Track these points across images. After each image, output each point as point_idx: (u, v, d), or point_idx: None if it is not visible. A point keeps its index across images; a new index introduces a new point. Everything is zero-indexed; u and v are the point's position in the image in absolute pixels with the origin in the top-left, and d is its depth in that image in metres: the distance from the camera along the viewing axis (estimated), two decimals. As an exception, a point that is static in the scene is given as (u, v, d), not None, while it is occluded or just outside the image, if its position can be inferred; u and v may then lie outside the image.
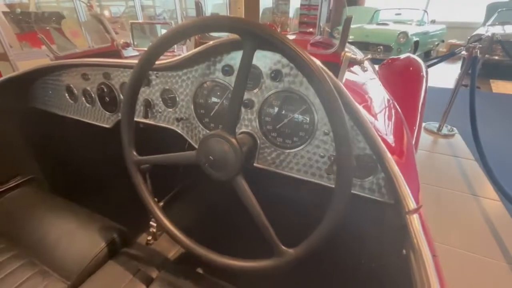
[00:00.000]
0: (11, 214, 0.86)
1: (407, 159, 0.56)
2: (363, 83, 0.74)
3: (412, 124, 1.23)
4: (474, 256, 1.32)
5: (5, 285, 0.67)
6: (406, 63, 1.61)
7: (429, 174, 2.01)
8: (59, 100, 0.81)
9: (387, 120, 0.62)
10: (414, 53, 4.72)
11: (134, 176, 0.55)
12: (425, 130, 2.68)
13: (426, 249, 0.34)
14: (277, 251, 0.44)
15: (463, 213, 1.64)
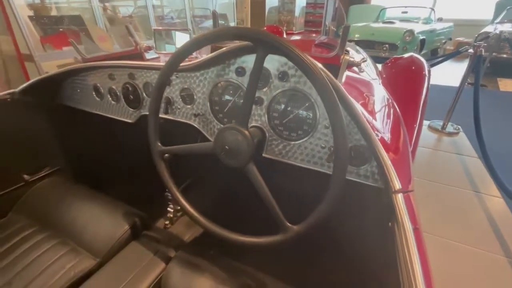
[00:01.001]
0: (43, 201, 0.95)
1: (399, 151, 0.63)
2: (362, 83, 0.81)
3: (412, 122, 1.27)
4: (475, 250, 1.37)
5: (43, 260, 0.76)
6: (408, 62, 1.66)
7: (432, 171, 2.05)
8: (86, 98, 0.90)
9: (383, 116, 0.68)
10: (420, 51, 4.71)
11: (158, 164, 0.62)
12: (429, 128, 2.71)
13: (408, 222, 0.41)
14: (282, 228, 0.52)
15: (465, 209, 1.68)
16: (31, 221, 0.89)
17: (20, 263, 0.76)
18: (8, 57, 1.75)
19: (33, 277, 0.72)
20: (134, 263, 0.75)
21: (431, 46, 5.18)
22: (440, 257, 1.33)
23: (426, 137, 2.58)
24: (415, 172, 2.04)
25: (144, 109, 0.78)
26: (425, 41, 4.67)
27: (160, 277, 0.72)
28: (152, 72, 0.73)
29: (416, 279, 0.34)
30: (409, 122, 1.26)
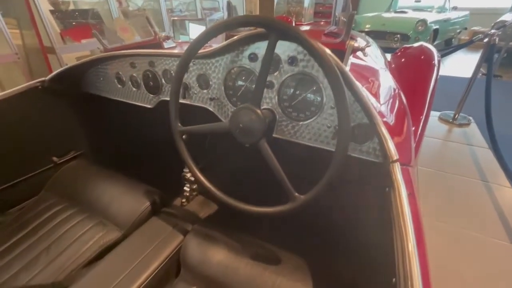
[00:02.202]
0: (70, 181, 1.04)
1: (400, 130, 0.67)
2: (368, 69, 0.84)
3: (419, 111, 1.29)
4: (483, 237, 1.40)
5: (75, 231, 0.85)
6: (418, 52, 1.65)
7: (441, 162, 2.05)
8: (108, 85, 0.97)
9: (386, 99, 0.72)
10: (433, 41, 4.60)
11: (178, 143, 0.69)
12: (440, 119, 2.69)
13: (403, 187, 0.45)
14: (291, 197, 0.57)
15: (474, 198, 1.69)
16: (61, 198, 0.98)
17: (54, 234, 0.85)
18: (31, 50, 1.85)
19: (67, 245, 0.81)
20: (155, 235, 0.82)
21: (445, 36, 5.04)
22: (447, 244, 1.37)
23: (436, 128, 2.56)
24: (423, 162, 2.06)
25: (163, 94, 0.84)
26: (438, 31, 4.55)
27: (179, 248, 0.80)
28: (171, 60, 0.78)
29: (407, 237, 0.39)
30: (416, 111, 1.28)
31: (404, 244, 0.37)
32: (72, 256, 0.78)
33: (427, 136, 2.40)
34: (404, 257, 0.35)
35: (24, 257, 0.78)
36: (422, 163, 2.04)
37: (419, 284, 0.33)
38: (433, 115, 2.75)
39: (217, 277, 0.70)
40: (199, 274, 0.72)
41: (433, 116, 2.74)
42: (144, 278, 0.70)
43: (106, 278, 0.69)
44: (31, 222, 0.89)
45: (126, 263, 0.73)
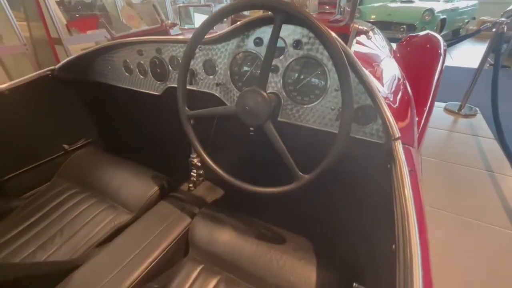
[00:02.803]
0: (81, 168, 1.07)
1: (403, 113, 0.68)
2: (372, 54, 0.85)
3: (424, 100, 1.29)
4: (486, 225, 1.41)
5: (86, 214, 0.88)
6: (424, 40, 1.64)
7: (446, 152, 2.05)
8: (116, 73, 0.98)
9: (390, 83, 0.73)
10: (440, 32, 4.52)
11: (186, 128, 0.70)
12: (445, 110, 2.67)
13: (404, 164, 0.47)
14: (296, 177, 0.59)
15: (478, 187, 1.69)
16: (72, 184, 1.01)
17: (67, 216, 0.88)
18: (38, 42, 1.87)
19: (80, 226, 0.84)
20: (163, 218, 0.85)
21: (453, 26, 4.95)
22: (452, 232, 1.38)
23: (441, 119, 2.55)
24: (428, 152, 2.05)
25: (170, 81, 0.86)
26: (446, 20, 4.47)
27: (187, 229, 0.83)
28: (177, 46, 0.80)
29: (407, 207, 0.41)
30: (420, 101, 1.28)
31: (404, 213, 0.39)
32: (85, 237, 0.81)
33: (432, 127, 2.39)
34: (404, 225, 0.37)
35: (40, 237, 0.82)
36: (426, 153, 2.03)
37: (418, 249, 0.34)
38: (439, 106, 2.73)
39: (224, 256, 0.73)
40: (206, 253, 0.75)
41: (439, 107, 2.72)
42: (154, 257, 0.73)
43: (118, 256, 0.73)
44: (45, 205, 0.92)
45: (137, 243, 0.76)
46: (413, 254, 0.34)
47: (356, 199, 0.72)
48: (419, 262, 0.33)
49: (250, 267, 0.69)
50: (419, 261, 0.33)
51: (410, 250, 0.34)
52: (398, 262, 0.35)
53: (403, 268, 0.33)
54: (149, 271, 0.71)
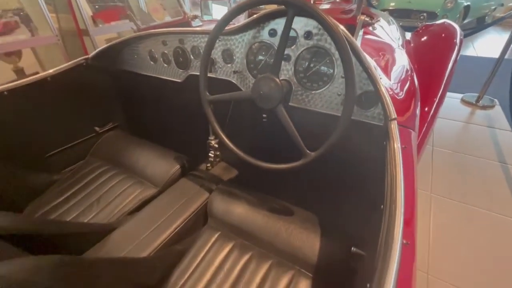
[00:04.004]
0: (111, 148, 1.19)
1: (404, 99, 0.73)
2: (380, 44, 0.89)
3: (435, 89, 1.30)
4: (494, 215, 1.43)
5: (117, 188, 1.00)
6: (440, 29, 1.62)
7: (460, 143, 2.04)
8: (141, 62, 1.08)
9: (394, 71, 0.78)
10: (463, 20, 4.33)
11: (206, 111, 0.79)
12: (462, 101, 2.62)
13: (397, 140, 0.53)
14: (304, 154, 0.66)
15: (490, 178, 1.70)
16: (103, 162, 1.13)
17: (102, 189, 1.00)
18: (66, 33, 2.01)
19: (113, 197, 0.96)
20: (185, 192, 0.96)
21: (477, 14, 4.70)
22: (458, 221, 1.42)
23: (458, 110, 2.51)
24: (441, 143, 2.06)
25: (191, 69, 0.94)
26: (469, 8, 4.26)
27: (205, 203, 0.93)
28: (199, 37, 0.87)
29: (396, 174, 0.47)
30: (431, 91, 1.29)
31: (393, 176, 0.46)
32: (118, 206, 0.93)
33: (447, 118, 2.37)
34: (392, 186, 0.44)
35: (80, 205, 0.95)
36: (439, 144, 2.04)
37: (401, 207, 0.41)
38: (455, 97, 2.68)
39: (238, 225, 0.82)
40: (223, 222, 0.85)
41: (455, 98, 2.68)
42: (177, 224, 0.84)
43: (147, 223, 0.84)
44: (82, 180, 1.05)
45: (162, 212, 0.87)
46: (397, 209, 0.41)
47: (356, 175, 0.78)
48: (401, 216, 0.40)
49: (262, 234, 0.78)
50: (401, 216, 0.40)
51: (395, 206, 0.41)
52: (384, 217, 0.42)
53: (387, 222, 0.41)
54: (173, 235, 0.82)
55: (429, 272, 1.19)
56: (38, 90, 1.00)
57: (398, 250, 0.36)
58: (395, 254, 0.36)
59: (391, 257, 0.35)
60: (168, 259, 0.76)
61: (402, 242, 0.39)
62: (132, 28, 0.98)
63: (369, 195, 0.56)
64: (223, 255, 0.77)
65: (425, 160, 1.88)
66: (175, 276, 0.72)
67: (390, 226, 0.39)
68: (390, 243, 0.37)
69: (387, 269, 0.34)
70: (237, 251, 0.77)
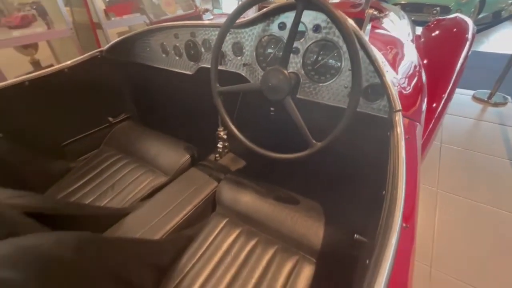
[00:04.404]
0: (124, 138, 1.24)
1: (410, 93, 0.74)
2: (388, 38, 0.90)
3: (444, 86, 1.29)
4: (501, 212, 1.43)
5: (130, 175, 1.05)
6: (451, 24, 1.60)
7: (469, 140, 2.02)
8: (154, 55, 1.11)
9: (403, 68, 0.79)
10: (478, 14, 4.21)
11: (217, 102, 0.82)
12: (473, 98, 2.58)
13: (401, 131, 0.54)
14: (310, 144, 0.69)
15: (497, 175, 1.68)
16: (117, 151, 1.18)
17: (116, 176, 1.05)
18: (79, 26, 2.06)
19: (127, 184, 1.01)
20: (194, 181, 1.00)
21: (493, 8, 4.55)
22: (467, 218, 1.42)
23: (469, 107, 2.47)
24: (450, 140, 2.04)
25: (202, 62, 0.97)
26: (485, 2, 4.13)
27: (214, 191, 0.96)
28: (210, 30, 0.90)
29: (399, 162, 0.49)
30: (440, 87, 1.28)
31: (395, 165, 0.47)
32: (131, 192, 0.98)
33: (457, 115, 2.34)
34: (395, 175, 0.46)
35: (95, 191, 1.00)
36: (448, 141, 2.02)
37: (402, 192, 0.43)
38: (467, 94, 2.63)
39: (246, 212, 0.85)
40: (231, 210, 0.88)
41: (467, 94, 2.63)
42: (187, 211, 0.88)
43: (158, 209, 0.88)
44: (97, 167, 1.10)
45: (173, 199, 0.91)
46: (398, 194, 0.43)
47: (361, 166, 0.80)
48: (402, 200, 0.42)
49: (268, 221, 0.81)
50: (402, 200, 0.42)
51: (396, 192, 0.43)
52: (385, 201, 0.44)
53: (388, 205, 0.43)
54: (183, 221, 0.86)
55: (432, 265, 1.20)
56: (56, 81, 1.05)
57: (397, 230, 0.38)
58: (394, 234, 0.38)
59: (390, 236, 0.38)
60: (178, 243, 0.80)
61: (402, 225, 0.41)
62: (144, 21, 1.01)
63: (373, 185, 0.58)
64: (230, 240, 0.80)
65: (433, 156, 1.88)
66: (184, 259, 0.76)
67: (391, 209, 0.42)
68: (390, 225, 0.39)
69: (385, 247, 0.36)
70: (244, 237, 0.80)
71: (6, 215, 0.50)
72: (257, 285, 0.68)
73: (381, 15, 0.70)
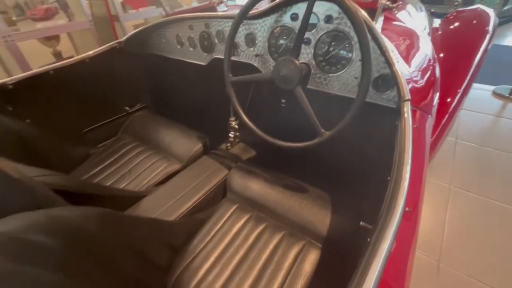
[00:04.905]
0: (140, 126, 1.29)
1: (422, 85, 0.74)
2: (401, 28, 0.89)
3: (460, 80, 1.26)
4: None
5: (145, 162, 1.10)
6: (471, 16, 1.54)
7: (488, 137, 1.97)
8: (169, 46, 1.15)
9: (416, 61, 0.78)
10: (504, 5, 4.00)
11: (229, 91, 0.84)
12: (494, 94, 2.48)
13: (409, 119, 0.55)
14: (319, 133, 0.71)
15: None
16: (133, 139, 1.24)
17: (132, 162, 1.11)
18: (98, 18, 2.12)
19: (143, 170, 1.06)
20: (206, 168, 1.03)
21: (521, -1, 4.31)
22: (479, 215, 1.40)
23: (488, 103, 2.39)
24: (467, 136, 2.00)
25: (215, 52, 1.00)
26: (512, -7, 3.92)
27: (225, 178, 1.00)
28: (224, 21, 0.92)
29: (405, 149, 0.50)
30: (456, 80, 1.26)
31: (401, 152, 0.49)
32: (147, 177, 1.03)
33: (475, 111, 2.27)
34: (400, 161, 0.47)
35: (114, 175, 1.06)
36: (464, 137, 1.97)
37: (407, 178, 0.45)
38: (486, 89, 2.54)
39: (255, 199, 0.89)
40: (241, 196, 0.92)
41: (486, 90, 2.54)
42: (199, 196, 0.92)
43: (172, 193, 0.93)
44: (115, 153, 1.16)
45: (186, 185, 0.96)
46: (402, 178, 0.44)
47: (369, 155, 0.81)
48: (406, 184, 0.43)
49: (276, 208, 0.84)
50: (406, 184, 0.44)
51: (400, 176, 0.45)
52: (389, 186, 0.46)
53: (391, 189, 0.45)
54: (195, 205, 0.90)
55: (440, 260, 1.20)
56: (78, 71, 1.10)
57: (399, 212, 0.40)
58: (395, 215, 0.40)
59: (391, 218, 0.39)
60: (191, 225, 0.84)
61: (405, 208, 0.43)
62: (160, 13, 1.04)
63: (380, 174, 0.60)
64: (239, 225, 0.84)
65: (447, 152, 1.84)
66: (196, 240, 0.81)
67: (394, 192, 0.43)
68: (392, 207, 0.41)
69: (386, 227, 0.38)
70: (253, 221, 0.84)
71: (38, 190, 0.55)
72: (264, 266, 0.72)
73: (393, 5, 0.70)
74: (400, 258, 0.39)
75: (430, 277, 1.15)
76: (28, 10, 1.83)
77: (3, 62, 1.77)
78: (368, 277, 0.32)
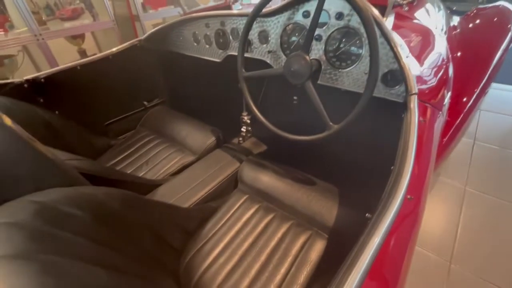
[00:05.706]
0: (157, 120, 1.36)
1: (432, 83, 0.75)
2: (414, 26, 0.89)
3: (477, 80, 1.23)
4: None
5: (162, 153, 1.16)
6: (492, 13, 1.50)
7: (509, 139, 1.90)
8: (186, 43, 1.20)
9: (426, 54, 0.79)
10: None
11: (242, 86, 0.88)
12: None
13: (415, 112, 0.56)
14: (327, 126, 0.73)
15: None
16: (151, 132, 1.30)
17: (150, 153, 1.17)
18: (119, 18, 2.23)
19: (159, 160, 1.12)
20: (219, 160, 1.08)
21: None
22: (494, 217, 1.37)
23: (509, 104, 2.30)
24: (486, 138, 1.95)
25: (230, 49, 1.04)
26: (541, -11, 3.72)
27: (236, 170, 1.04)
28: (238, 19, 0.96)
29: (409, 141, 0.51)
30: (473, 79, 1.23)
31: (406, 143, 0.51)
32: (163, 167, 1.09)
33: (496, 112, 2.19)
34: (404, 151, 0.49)
35: (132, 165, 1.12)
36: (483, 138, 1.92)
37: (410, 167, 0.47)
38: (508, 89, 2.45)
39: (265, 190, 0.92)
40: (251, 187, 0.95)
41: (508, 90, 2.44)
42: (212, 186, 0.96)
43: (187, 182, 0.98)
44: (134, 145, 1.23)
45: (199, 175, 1.01)
46: (405, 167, 0.46)
47: (376, 149, 0.82)
48: (409, 173, 0.45)
49: (285, 199, 0.87)
50: (408, 172, 0.45)
51: (403, 166, 0.47)
52: (392, 175, 0.48)
53: (394, 177, 0.47)
54: (208, 194, 0.95)
55: (452, 261, 1.19)
56: (101, 67, 1.18)
57: (400, 198, 0.42)
58: (396, 200, 0.42)
59: (392, 202, 0.42)
60: (203, 212, 0.89)
61: (406, 196, 0.45)
62: (179, 12, 1.09)
63: (387, 168, 0.61)
64: (249, 214, 0.87)
65: (463, 154, 1.79)
66: (208, 227, 0.85)
67: (396, 180, 0.45)
68: (394, 193, 0.43)
69: (385, 211, 0.40)
70: (262, 211, 0.87)
71: (69, 171, 0.61)
72: (272, 253, 0.75)
73: (404, 2, 0.71)
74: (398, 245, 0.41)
75: (441, 278, 1.14)
76: (57, 10, 1.96)
77: (33, 58, 1.90)
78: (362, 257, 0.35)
